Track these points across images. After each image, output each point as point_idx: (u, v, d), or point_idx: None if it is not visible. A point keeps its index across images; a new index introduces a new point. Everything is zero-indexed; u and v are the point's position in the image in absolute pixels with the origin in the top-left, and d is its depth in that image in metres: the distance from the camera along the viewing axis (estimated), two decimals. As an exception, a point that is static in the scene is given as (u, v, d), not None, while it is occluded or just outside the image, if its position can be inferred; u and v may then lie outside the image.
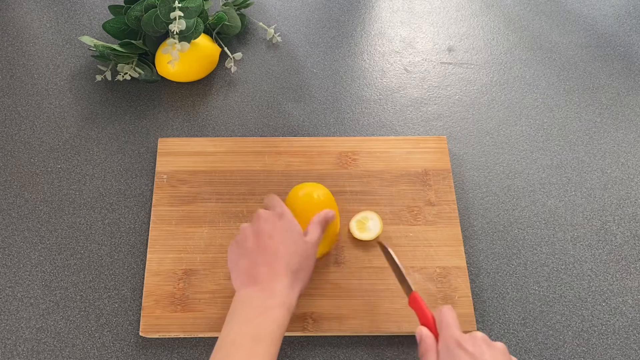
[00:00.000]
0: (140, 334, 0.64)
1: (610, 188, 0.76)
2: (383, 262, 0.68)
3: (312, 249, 0.59)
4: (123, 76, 0.81)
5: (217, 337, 0.65)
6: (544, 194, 0.75)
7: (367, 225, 0.69)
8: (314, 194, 0.66)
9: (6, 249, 0.70)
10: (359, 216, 0.70)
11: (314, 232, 0.60)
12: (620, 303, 0.68)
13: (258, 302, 0.54)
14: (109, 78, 0.82)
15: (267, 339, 0.52)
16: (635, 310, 0.68)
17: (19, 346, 0.65)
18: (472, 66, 0.86)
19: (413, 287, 0.59)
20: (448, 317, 0.54)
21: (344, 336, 0.66)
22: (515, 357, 0.61)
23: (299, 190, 0.67)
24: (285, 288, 0.55)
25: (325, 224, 0.63)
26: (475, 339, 0.52)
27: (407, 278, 0.60)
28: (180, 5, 0.74)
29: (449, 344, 0.52)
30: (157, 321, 0.65)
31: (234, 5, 0.85)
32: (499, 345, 0.52)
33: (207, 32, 0.84)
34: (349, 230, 0.70)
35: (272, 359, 0.51)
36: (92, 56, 0.83)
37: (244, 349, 0.51)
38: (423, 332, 0.55)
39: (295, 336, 0.65)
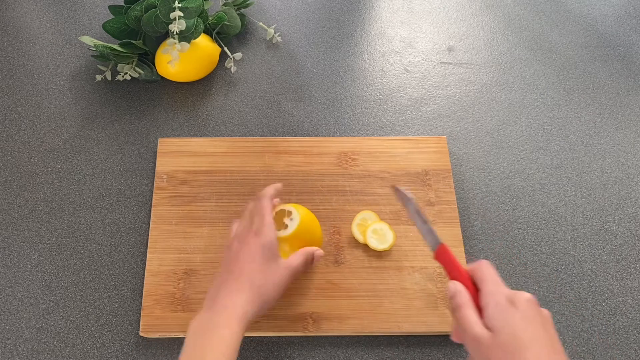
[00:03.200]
0: (140, 334, 0.64)
1: (610, 188, 0.76)
2: (383, 262, 0.68)
3: (285, 270, 0.57)
4: (123, 76, 0.81)
5: (217, 337, 0.65)
6: (544, 194, 0.75)
7: (386, 236, 0.68)
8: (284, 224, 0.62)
9: (6, 249, 0.70)
10: (373, 226, 0.68)
11: (294, 259, 0.59)
12: (620, 303, 0.68)
13: (204, 324, 0.53)
14: (109, 78, 0.82)
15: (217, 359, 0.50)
16: (635, 310, 0.68)
17: (19, 346, 0.65)
18: (472, 66, 0.86)
19: (440, 239, 0.55)
20: (492, 272, 0.51)
21: (344, 336, 0.66)
22: None
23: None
24: (242, 301, 0.53)
25: (311, 260, 0.61)
26: (526, 299, 0.48)
27: (432, 228, 0.56)
28: (180, 5, 0.74)
29: (499, 300, 0.48)
30: (157, 321, 0.65)
31: (234, 5, 0.85)
32: (546, 312, 0.50)
33: (207, 32, 0.84)
34: (350, 232, 0.70)
35: None
36: (92, 56, 0.83)
37: None
38: (457, 286, 0.51)
39: (295, 336, 0.65)
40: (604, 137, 0.80)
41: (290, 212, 0.62)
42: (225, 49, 0.84)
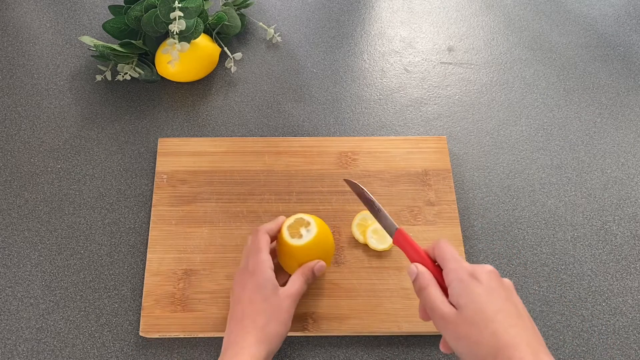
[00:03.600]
0: (140, 334, 0.64)
1: (610, 188, 0.76)
2: (383, 262, 0.68)
3: (285, 301, 0.57)
4: (123, 76, 0.81)
5: (217, 337, 0.65)
6: (544, 194, 0.75)
7: (385, 236, 0.68)
8: (302, 236, 0.61)
9: (6, 249, 0.70)
10: (373, 226, 0.68)
11: (292, 285, 0.59)
12: (620, 303, 0.68)
13: None
14: (109, 78, 0.82)
15: None
16: (635, 310, 0.68)
17: (19, 346, 0.65)
18: (472, 66, 0.86)
19: (396, 224, 0.57)
20: (451, 249, 0.52)
21: (344, 336, 0.66)
22: (533, 331, 0.58)
23: (286, 233, 0.61)
24: (250, 345, 0.54)
25: (312, 276, 0.61)
26: (488, 272, 0.50)
27: (387, 214, 0.58)
28: (180, 5, 0.74)
29: (461, 276, 0.49)
30: (157, 321, 0.65)
31: (234, 5, 0.85)
32: (507, 282, 0.50)
33: (207, 32, 0.84)
34: (350, 232, 0.70)
35: None
36: (92, 56, 0.83)
37: None
38: (419, 267, 0.53)
39: (295, 336, 0.65)
40: (604, 137, 0.80)
41: (308, 223, 0.61)
42: (225, 49, 0.84)
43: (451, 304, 0.49)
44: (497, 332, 0.46)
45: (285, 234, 0.61)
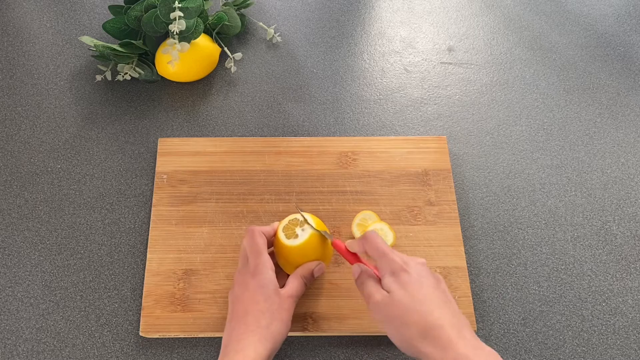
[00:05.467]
0: (140, 334, 0.64)
1: (610, 188, 0.76)
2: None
3: (287, 301, 0.58)
4: (123, 76, 0.81)
5: (217, 337, 0.65)
6: (544, 194, 0.75)
7: (386, 236, 0.68)
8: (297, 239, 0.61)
9: (6, 249, 0.70)
10: (374, 226, 0.68)
11: (292, 285, 0.59)
12: (620, 303, 0.68)
13: None
14: (109, 78, 0.82)
15: None
16: (635, 310, 0.68)
17: (19, 346, 0.65)
18: (472, 66, 0.86)
19: (331, 237, 0.61)
20: (380, 243, 0.56)
21: (344, 336, 0.66)
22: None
23: (282, 235, 0.62)
24: (252, 344, 0.54)
25: (311, 278, 0.61)
26: (417, 263, 0.55)
27: (314, 225, 0.61)
28: (180, 5, 0.74)
29: (393, 268, 0.54)
30: (157, 321, 0.65)
31: (234, 5, 0.85)
32: (438, 275, 0.56)
33: (207, 32, 0.84)
34: (350, 232, 0.70)
35: None
36: (92, 56, 0.83)
37: None
38: (362, 267, 0.58)
39: (295, 336, 0.65)
40: (604, 137, 0.80)
41: (303, 222, 0.61)
42: (225, 49, 0.84)
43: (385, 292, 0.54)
44: (424, 314, 0.50)
45: (281, 235, 0.61)
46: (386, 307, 0.52)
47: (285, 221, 0.62)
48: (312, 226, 0.61)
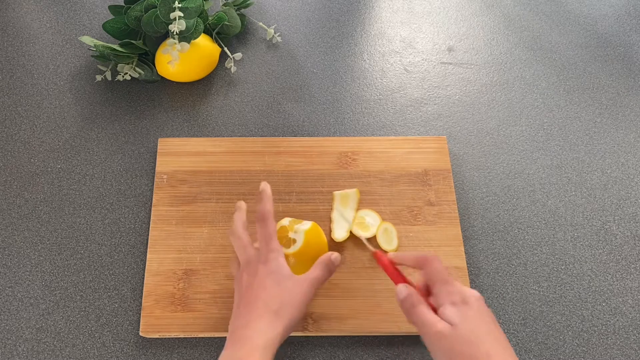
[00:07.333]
0: (140, 334, 0.64)
1: (610, 188, 0.76)
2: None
3: (303, 284, 0.56)
4: (123, 76, 0.81)
5: (217, 337, 0.65)
6: (544, 194, 0.75)
7: (393, 240, 0.68)
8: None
9: (6, 249, 0.70)
10: (385, 225, 0.69)
11: (313, 270, 0.58)
12: (620, 303, 0.68)
13: None
14: (109, 78, 0.82)
15: None
16: (635, 310, 0.68)
17: (19, 346, 0.65)
18: (472, 66, 0.86)
19: (372, 248, 0.60)
20: (440, 269, 0.54)
21: (344, 336, 0.66)
22: (515, 357, 0.61)
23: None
24: (262, 329, 0.53)
25: (332, 265, 0.59)
26: (477, 298, 0.53)
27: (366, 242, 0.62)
28: (180, 5, 0.74)
29: (454, 299, 0.52)
30: (157, 321, 0.65)
31: (234, 5, 0.85)
32: (490, 310, 0.54)
33: (207, 32, 0.84)
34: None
35: None
36: (92, 56, 0.83)
37: None
38: (410, 289, 0.55)
39: (295, 336, 0.65)
40: (604, 137, 0.80)
41: (291, 226, 0.61)
42: (225, 49, 0.84)
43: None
44: (489, 352, 0.49)
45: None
46: (451, 340, 0.50)
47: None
48: (301, 227, 0.61)
